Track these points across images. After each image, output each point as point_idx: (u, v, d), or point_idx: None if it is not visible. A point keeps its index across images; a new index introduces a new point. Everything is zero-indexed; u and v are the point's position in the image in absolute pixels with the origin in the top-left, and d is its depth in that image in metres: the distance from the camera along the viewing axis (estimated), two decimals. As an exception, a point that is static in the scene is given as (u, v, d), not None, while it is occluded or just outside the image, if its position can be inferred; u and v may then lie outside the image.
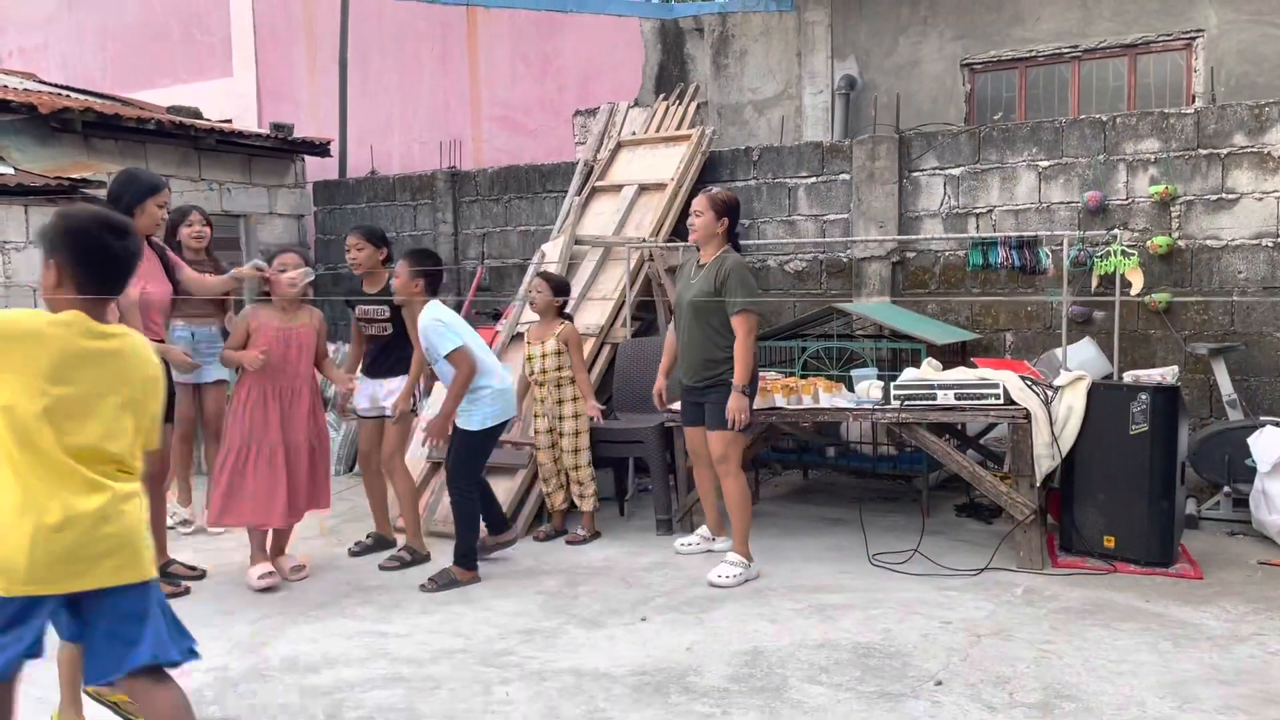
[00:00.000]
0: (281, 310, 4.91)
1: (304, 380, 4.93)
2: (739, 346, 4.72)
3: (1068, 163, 6.51)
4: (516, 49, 10.02)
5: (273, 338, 4.83)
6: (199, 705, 3.52)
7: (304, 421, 4.90)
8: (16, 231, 6.84)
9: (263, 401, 4.81)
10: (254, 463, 4.78)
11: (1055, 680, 3.58)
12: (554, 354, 5.46)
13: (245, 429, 4.81)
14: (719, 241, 4.91)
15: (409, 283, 4.98)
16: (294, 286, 4.89)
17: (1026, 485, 4.94)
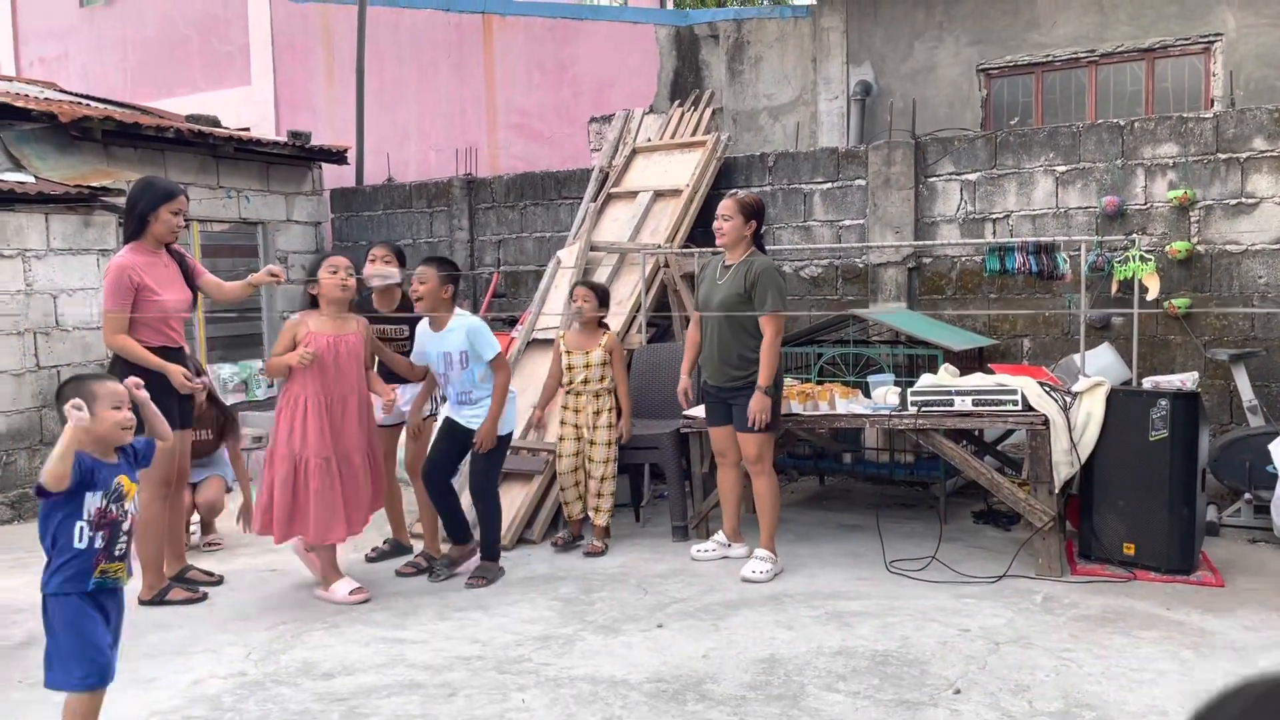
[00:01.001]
0: (331, 318, 4.72)
1: (353, 389, 4.72)
2: (766, 347, 4.84)
3: (1085, 168, 6.48)
4: (532, 56, 10.06)
5: (322, 346, 4.62)
6: (217, 711, 3.54)
7: (354, 431, 4.71)
8: (38, 239, 6.89)
9: (316, 413, 4.59)
10: (307, 478, 4.57)
11: (1075, 689, 3.55)
12: (599, 364, 5.38)
13: (295, 441, 4.59)
14: (746, 244, 5.00)
15: (438, 289, 4.92)
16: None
17: (1045, 492, 4.90)
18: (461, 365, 4.89)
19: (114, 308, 4.57)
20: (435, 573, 5.05)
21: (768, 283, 4.84)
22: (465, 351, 4.88)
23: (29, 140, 7.37)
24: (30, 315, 6.85)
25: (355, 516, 4.76)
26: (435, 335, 4.95)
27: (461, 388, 4.93)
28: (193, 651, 4.13)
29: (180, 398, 4.83)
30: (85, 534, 2.93)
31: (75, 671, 2.94)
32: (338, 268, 4.72)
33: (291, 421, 4.62)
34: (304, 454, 4.58)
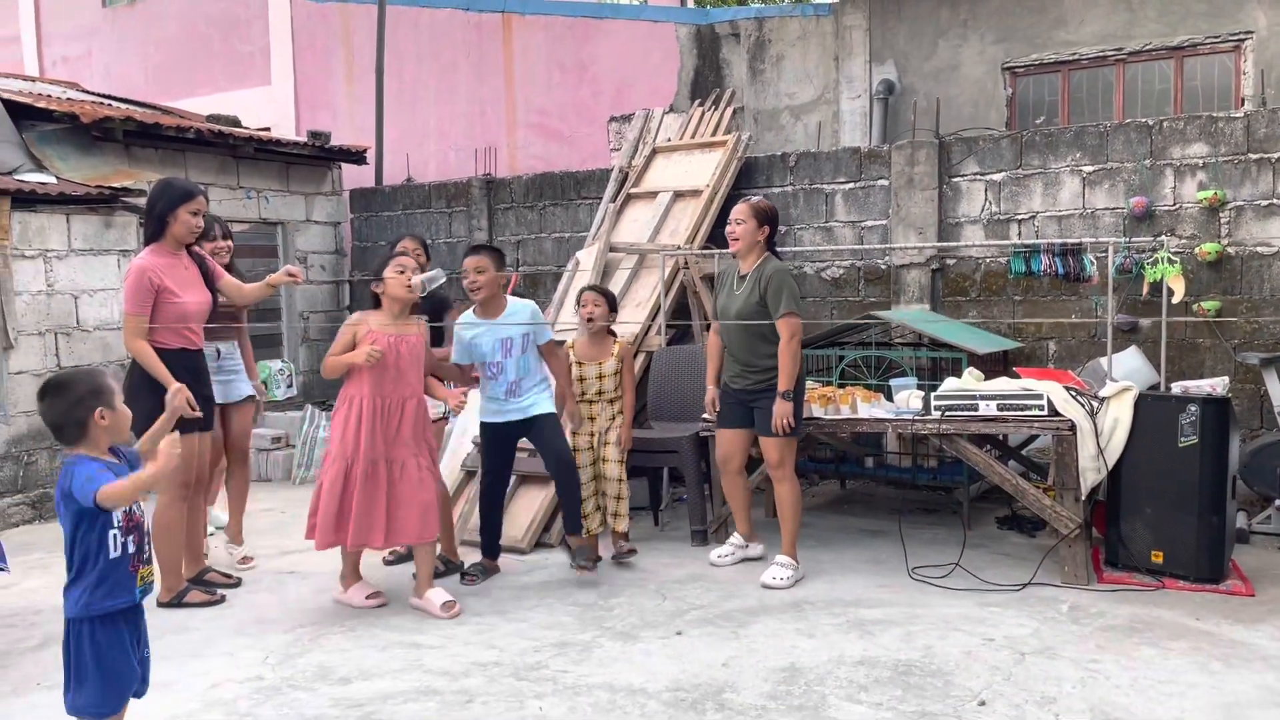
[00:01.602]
0: (393, 317, 4.57)
1: (412, 393, 4.56)
2: (784, 351, 4.81)
3: (1113, 168, 6.38)
4: (552, 55, 10.03)
5: (382, 346, 4.46)
6: (233, 716, 3.52)
7: (408, 436, 4.54)
8: (59, 240, 6.92)
9: (371, 414, 4.46)
10: (355, 481, 4.45)
11: (1102, 700, 3.48)
12: (613, 374, 5.24)
13: (349, 442, 4.48)
14: (760, 250, 5.00)
15: (497, 277, 4.84)
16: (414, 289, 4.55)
17: (1071, 498, 4.82)
18: (522, 350, 4.85)
19: (134, 310, 4.57)
20: (468, 574, 5.01)
21: (780, 285, 4.83)
22: (528, 335, 4.83)
23: (51, 141, 7.39)
24: (51, 315, 6.87)
25: (400, 526, 4.52)
26: (491, 325, 4.87)
27: (515, 375, 4.87)
28: (210, 655, 4.12)
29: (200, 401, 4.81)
30: (119, 541, 2.85)
31: (105, 704, 2.88)
32: (405, 268, 4.57)
33: (345, 422, 4.51)
34: (354, 457, 4.46)
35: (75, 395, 2.84)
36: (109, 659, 2.87)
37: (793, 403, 4.84)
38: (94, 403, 2.84)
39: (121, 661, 2.88)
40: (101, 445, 2.90)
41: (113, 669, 2.87)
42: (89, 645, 2.85)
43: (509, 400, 4.90)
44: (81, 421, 2.83)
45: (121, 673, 2.88)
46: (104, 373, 3.02)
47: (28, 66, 13.30)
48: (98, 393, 2.86)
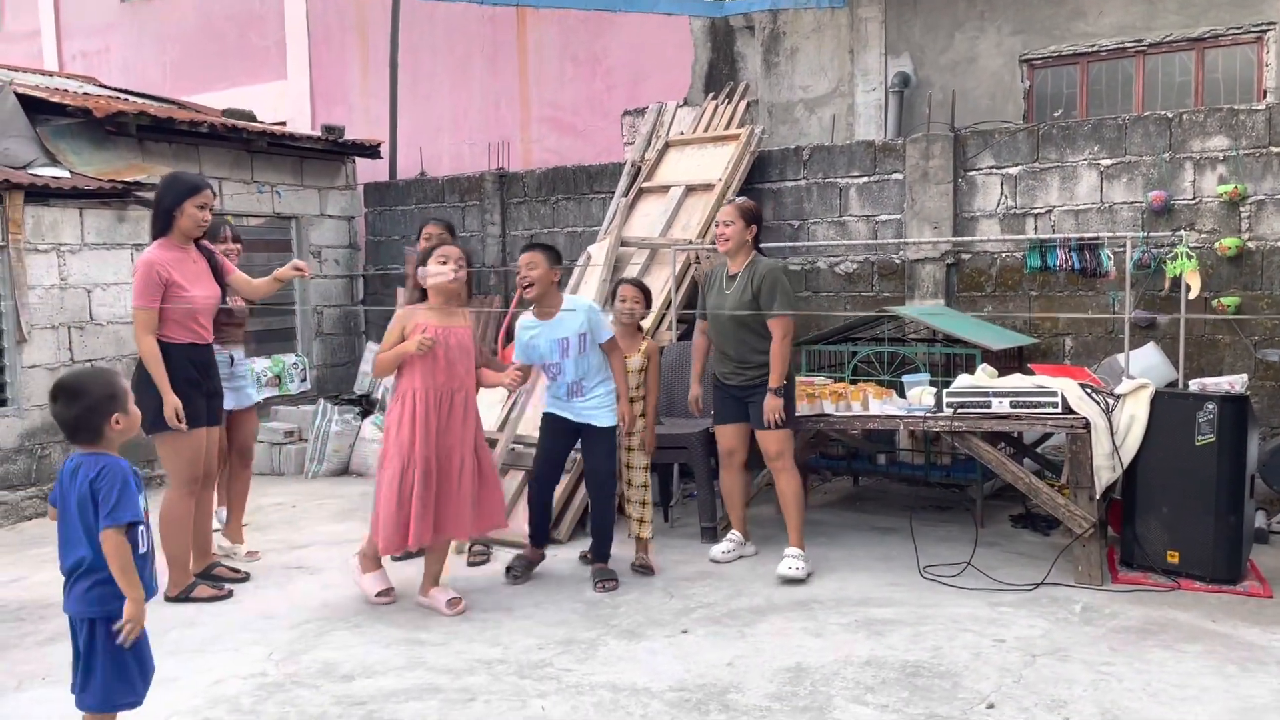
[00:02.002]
0: (439, 310, 4.52)
1: (461, 385, 4.49)
2: (776, 349, 4.86)
3: (1131, 161, 6.28)
4: (566, 49, 9.98)
5: (433, 338, 4.42)
6: (236, 713, 3.51)
7: (458, 429, 4.47)
8: (72, 234, 6.94)
9: (424, 408, 4.39)
10: (411, 480, 4.37)
11: (1114, 704, 3.42)
12: (637, 371, 5.10)
13: (404, 439, 4.39)
14: (748, 249, 5.06)
15: (549, 274, 4.75)
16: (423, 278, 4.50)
17: (1085, 497, 4.75)
18: (579, 351, 4.72)
19: (143, 304, 4.57)
20: (512, 571, 4.93)
21: (774, 284, 4.89)
22: (584, 334, 4.71)
23: (65, 135, 7.42)
24: (65, 309, 6.90)
25: (454, 523, 4.47)
26: (546, 324, 4.75)
27: (574, 377, 4.75)
28: (215, 650, 4.12)
29: (208, 396, 4.82)
30: (145, 537, 2.88)
31: (131, 693, 2.89)
32: (448, 258, 4.49)
33: (400, 420, 4.43)
34: (409, 455, 4.38)
35: (92, 399, 2.84)
36: (142, 651, 2.90)
37: (783, 398, 4.87)
38: (110, 408, 2.85)
39: (148, 653, 2.92)
40: (114, 447, 2.91)
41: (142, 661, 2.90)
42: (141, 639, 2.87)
43: (571, 400, 4.81)
44: (97, 427, 2.84)
45: (147, 665, 2.91)
46: (116, 373, 3.02)
47: (47, 61, 13.36)
48: (113, 397, 2.87)
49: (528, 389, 6.13)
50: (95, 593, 2.81)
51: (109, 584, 2.79)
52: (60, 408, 2.84)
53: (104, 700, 2.85)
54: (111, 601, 2.81)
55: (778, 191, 7.38)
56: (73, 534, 2.82)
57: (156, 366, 4.53)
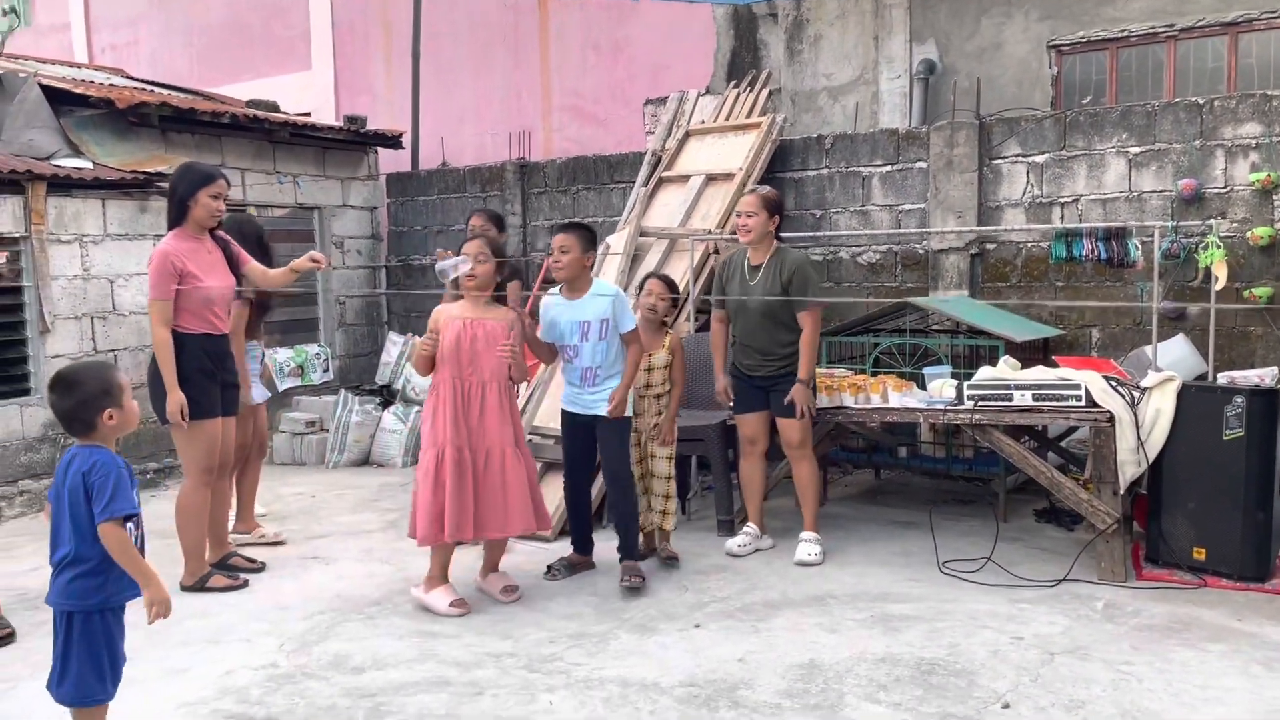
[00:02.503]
0: (471, 303, 4.52)
1: (492, 376, 4.45)
2: (807, 340, 4.88)
3: (1161, 149, 6.14)
4: (588, 37, 9.92)
5: (458, 330, 4.43)
6: (244, 704, 3.51)
7: (493, 425, 4.43)
8: (94, 225, 6.98)
9: (451, 400, 4.40)
10: (446, 470, 4.35)
11: (1134, 705, 3.34)
12: (663, 368, 5.01)
13: (437, 429, 4.41)
14: (770, 239, 5.02)
15: (581, 257, 4.65)
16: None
17: (1109, 492, 4.65)
18: (599, 336, 4.63)
19: (158, 295, 4.57)
20: (553, 570, 4.84)
21: (805, 277, 4.91)
22: (606, 320, 4.62)
23: (88, 126, 7.46)
24: (88, 300, 6.95)
25: (493, 521, 4.42)
26: (570, 304, 4.67)
27: (590, 363, 4.65)
28: (227, 641, 4.12)
29: (224, 385, 4.83)
30: (134, 534, 2.87)
31: (106, 688, 2.90)
32: (468, 256, 4.50)
33: (433, 412, 4.45)
34: (443, 445, 4.37)
35: (86, 393, 2.85)
36: (115, 647, 2.90)
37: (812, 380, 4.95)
38: (104, 403, 2.85)
39: (121, 650, 2.91)
40: (109, 441, 2.90)
41: (114, 657, 2.89)
42: (101, 634, 2.86)
43: (584, 388, 4.72)
44: (90, 421, 2.84)
45: (118, 661, 2.91)
46: (114, 368, 3.02)
47: (77, 54, 13.48)
48: (107, 392, 2.87)
49: (545, 379, 6.11)
50: (76, 585, 2.81)
51: (90, 577, 2.79)
52: (56, 398, 2.86)
53: (78, 694, 2.85)
54: (91, 595, 2.81)
55: (799, 181, 7.29)
56: (62, 527, 2.82)
57: (167, 360, 4.54)
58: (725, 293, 5.15)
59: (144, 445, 7.11)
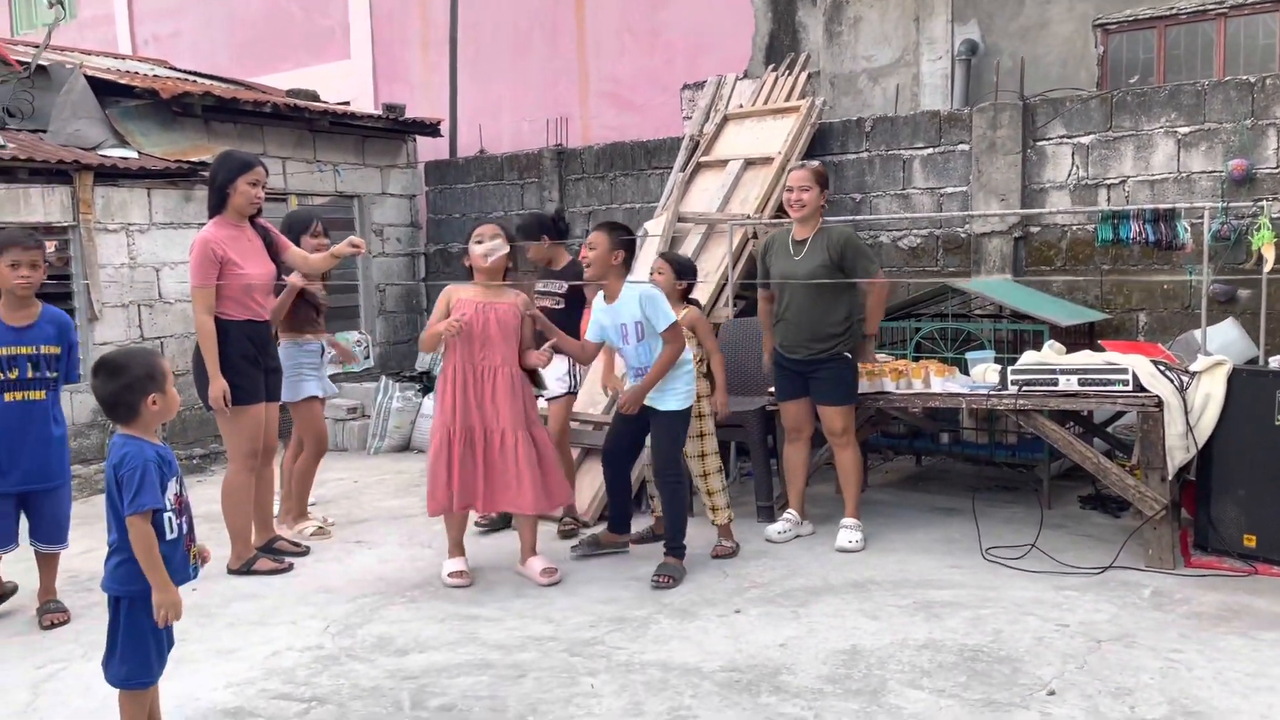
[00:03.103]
0: (482, 287, 4.59)
1: (503, 361, 4.52)
2: (876, 305, 5.03)
3: (1210, 129, 6.01)
4: (624, 22, 9.88)
5: (472, 313, 4.47)
6: (290, 684, 3.56)
7: (504, 407, 4.50)
8: (139, 213, 7.08)
9: (461, 383, 4.50)
10: (453, 448, 4.47)
11: (1183, 694, 3.28)
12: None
13: (446, 411, 4.52)
14: (819, 215, 4.99)
15: (608, 255, 4.63)
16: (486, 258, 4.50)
17: (1157, 478, 4.58)
18: (638, 337, 4.59)
19: (200, 283, 4.63)
20: (575, 547, 4.88)
21: (858, 249, 4.93)
22: (639, 322, 4.57)
23: (133, 116, 7.56)
24: (134, 287, 7.05)
25: (506, 495, 4.53)
26: (610, 307, 4.67)
27: (638, 363, 4.65)
28: (273, 623, 4.18)
29: (267, 371, 4.88)
30: (173, 523, 2.91)
31: (150, 671, 2.95)
32: (482, 237, 4.55)
33: (442, 393, 4.55)
34: (452, 424, 4.50)
35: (131, 378, 2.88)
36: (160, 631, 2.95)
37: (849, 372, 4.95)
38: (148, 388, 2.88)
39: (168, 634, 2.96)
40: (151, 427, 2.94)
41: (160, 641, 2.94)
42: (147, 618, 2.90)
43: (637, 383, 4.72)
44: (134, 405, 2.87)
45: (164, 645, 2.95)
46: (157, 354, 3.06)
47: (121, 46, 13.67)
48: (151, 377, 2.90)
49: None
50: (122, 571, 2.87)
51: (134, 564, 2.84)
52: (100, 384, 2.89)
53: (124, 676, 2.91)
54: (135, 581, 2.85)
55: (839, 164, 7.23)
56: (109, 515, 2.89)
57: (209, 347, 4.60)
58: (769, 271, 5.11)
59: (189, 431, 7.22)
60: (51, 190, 6.60)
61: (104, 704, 3.33)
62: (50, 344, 4.19)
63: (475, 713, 3.29)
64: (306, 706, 3.39)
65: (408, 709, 3.35)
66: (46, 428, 4.21)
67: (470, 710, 3.31)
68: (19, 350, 4.11)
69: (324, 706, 3.38)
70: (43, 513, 4.27)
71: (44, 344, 4.17)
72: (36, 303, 4.19)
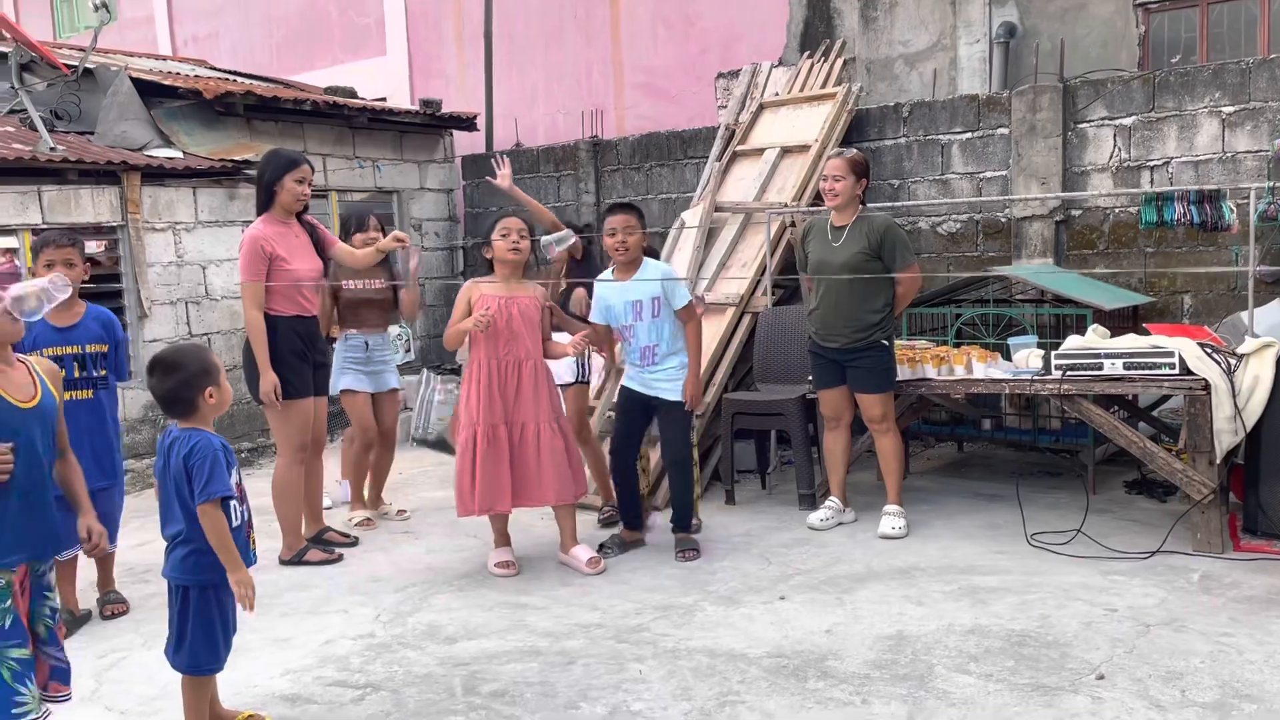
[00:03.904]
0: (503, 280, 4.61)
1: (527, 354, 4.56)
2: (906, 295, 5.02)
3: (1256, 108, 5.92)
4: (658, 12, 9.88)
5: (496, 308, 4.49)
6: (345, 671, 3.64)
7: (528, 400, 4.54)
8: (186, 212, 7.20)
9: (487, 378, 4.51)
10: (476, 450, 4.50)
11: (1234, 677, 3.27)
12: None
13: (472, 409, 4.54)
14: (856, 203, 4.99)
15: (640, 239, 4.71)
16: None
17: (1205, 462, 4.53)
18: (652, 315, 4.66)
19: (249, 279, 4.71)
20: (605, 549, 4.85)
21: (896, 238, 4.91)
22: (658, 299, 4.63)
23: (177, 116, 7.68)
24: (181, 285, 7.18)
25: (528, 491, 4.57)
26: (623, 285, 4.70)
27: (647, 341, 4.69)
28: (326, 612, 4.26)
29: (315, 366, 4.97)
30: (238, 510, 2.98)
31: (218, 657, 3.03)
32: (509, 230, 4.57)
33: (468, 390, 4.57)
34: (477, 423, 4.51)
35: (188, 374, 2.94)
36: (227, 619, 3.03)
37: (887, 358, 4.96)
38: (204, 382, 2.95)
39: (233, 621, 3.04)
40: (209, 420, 3.01)
41: (226, 629, 3.02)
42: (215, 607, 2.98)
43: (644, 368, 4.75)
44: (192, 400, 2.94)
45: (229, 632, 3.03)
46: (210, 350, 3.13)
47: (161, 46, 13.86)
48: (207, 372, 2.97)
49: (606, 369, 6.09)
50: (190, 561, 2.94)
51: (204, 554, 2.91)
52: (156, 381, 2.95)
53: (192, 663, 2.99)
54: (205, 571, 2.93)
55: (876, 150, 7.19)
56: (170, 506, 2.95)
57: (260, 342, 4.68)
58: (806, 257, 5.13)
59: (238, 425, 7.35)
60: (100, 191, 6.74)
61: (165, 690, 3.43)
62: (96, 342, 4.19)
63: (527, 698, 3.35)
64: (361, 693, 3.46)
65: (460, 694, 3.41)
66: (99, 427, 4.20)
67: (522, 695, 3.37)
68: (64, 350, 4.10)
69: (379, 693, 3.45)
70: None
71: (90, 343, 4.17)
72: (80, 302, 4.20)
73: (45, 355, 4.00)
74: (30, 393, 2.68)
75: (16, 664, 2.59)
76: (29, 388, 2.69)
